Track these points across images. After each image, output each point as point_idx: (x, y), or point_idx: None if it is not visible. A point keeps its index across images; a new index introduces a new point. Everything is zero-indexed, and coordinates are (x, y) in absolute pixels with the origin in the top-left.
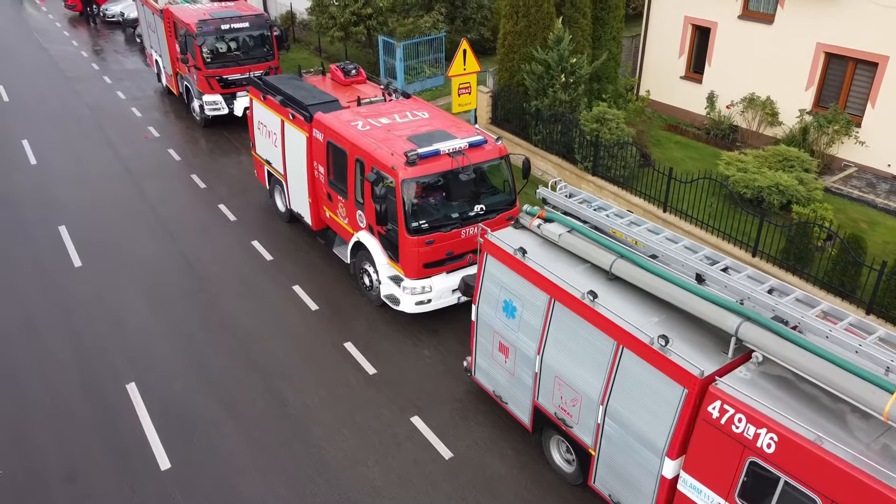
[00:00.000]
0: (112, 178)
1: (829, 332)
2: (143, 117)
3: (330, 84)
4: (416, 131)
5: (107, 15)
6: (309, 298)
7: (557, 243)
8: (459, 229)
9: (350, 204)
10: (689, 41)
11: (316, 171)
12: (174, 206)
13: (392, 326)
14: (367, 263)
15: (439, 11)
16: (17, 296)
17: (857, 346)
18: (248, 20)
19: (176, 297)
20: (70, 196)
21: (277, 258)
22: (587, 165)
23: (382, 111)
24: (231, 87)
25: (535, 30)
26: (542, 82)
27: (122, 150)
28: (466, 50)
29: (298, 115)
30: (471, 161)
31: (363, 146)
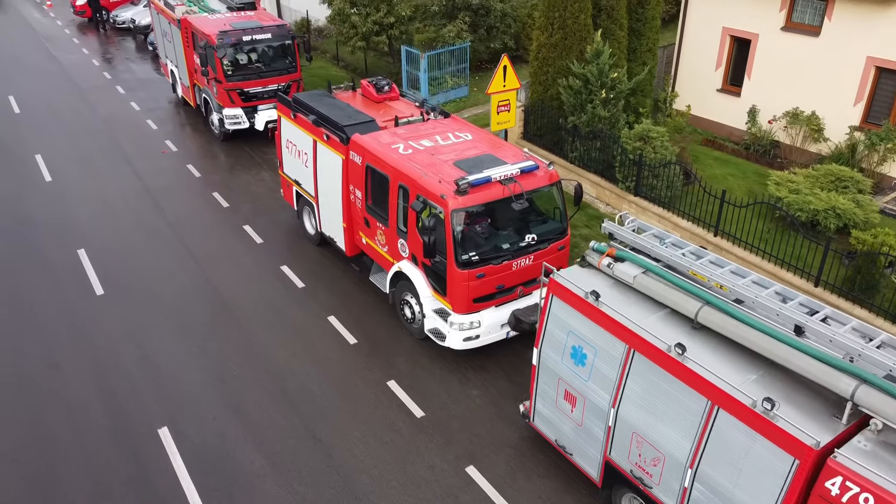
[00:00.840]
0: (131, 196)
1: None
2: (158, 130)
3: (361, 100)
4: (462, 155)
5: (117, 21)
6: (346, 330)
7: (632, 286)
8: (511, 261)
9: (391, 232)
10: (727, 53)
11: (352, 195)
12: (197, 227)
13: (436, 363)
14: (408, 294)
15: (463, 21)
16: (38, 327)
17: None
18: (271, 31)
19: (205, 328)
20: (88, 216)
21: (309, 285)
22: (629, 185)
23: (423, 132)
24: (252, 100)
25: (570, 42)
26: (579, 98)
27: (139, 165)
28: (507, 66)
29: (333, 135)
30: (523, 188)
31: (407, 172)
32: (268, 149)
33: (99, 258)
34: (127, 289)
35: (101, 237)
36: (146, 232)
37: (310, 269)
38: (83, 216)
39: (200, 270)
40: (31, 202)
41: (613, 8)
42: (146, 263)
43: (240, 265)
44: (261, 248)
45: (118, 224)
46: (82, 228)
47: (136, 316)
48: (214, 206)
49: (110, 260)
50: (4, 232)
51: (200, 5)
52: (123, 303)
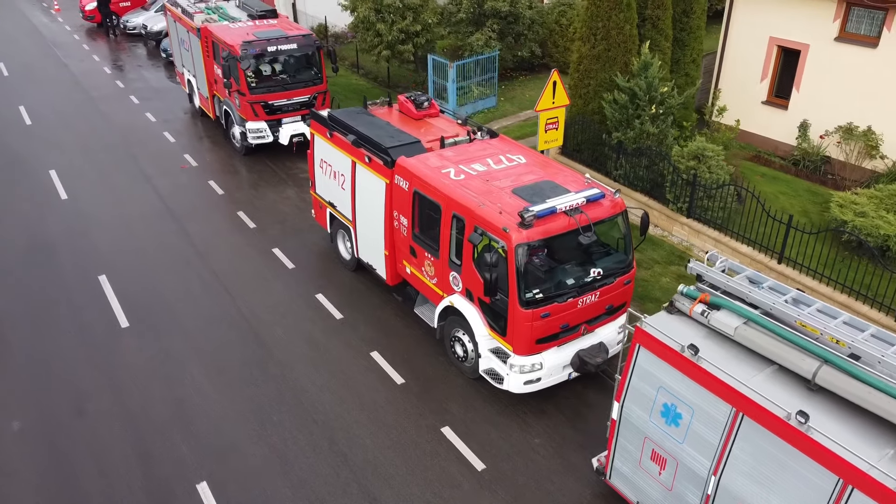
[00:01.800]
0: (151, 216)
1: None
2: (176, 143)
3: (397, 117)
4: (519, 182)
5: (127, 27)
6: (391, 369)
7: (733, 338)
8: (576, 298)
9: (441, 264)
10: (774, 64)
11: (396, 221)
12: (224, 250)
13: (492, 405)
14: (460, 331)
15: (491, 28)
16: (62, 365)
17: None
18: (296, 41)
19: (239, 367)
20: (108, 239)
21: (348, 316)
22: (681, 206)
23: (473, 155)
24: (276, 113)
25: (614, 54)
26: (625, 113)
27: (158, 182)
28: (557, 81)
29: (376, 158)
30: (590, 219)
31: (463, 201)
32: (291, 163)
33: (122, 286)
34: (153, 321)
35: (122, 262)
36: (170, 256)
37: (347, 298)
38: (103, 239)
39: (230, 299)
40: (48, 223)
41: (659, 18)
42: (172, 291)
43: (272, 293)
44: (293, 273)
45: (140, 248)
46: (103, 253)
47: (164, 352)
48: (241, 226)
49: (134, 288)
50: (22, 256)
51: (220, 13)
52: (150, 337)
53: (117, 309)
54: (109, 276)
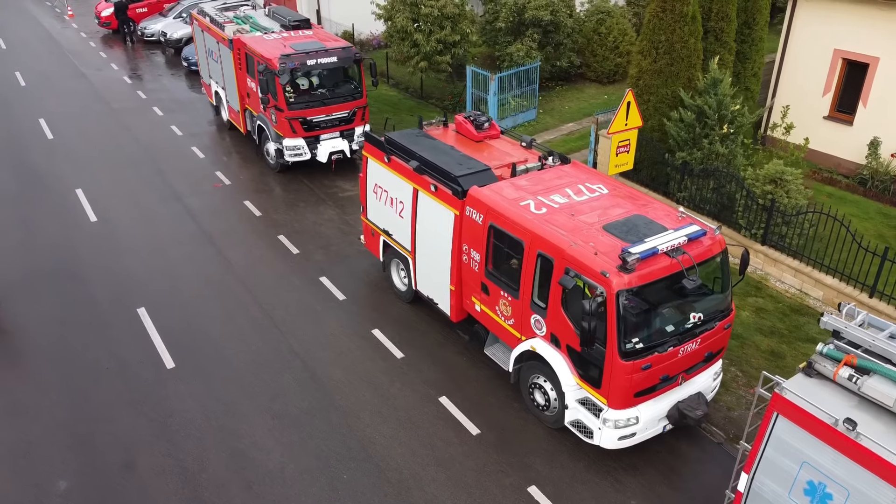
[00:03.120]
0: (187, 240)
1: None
2: (206, 159)
3: (454, 138)
4: (607, 216)
5: (145, 34)
6: (464, 417)
7: (892, 410)
8: (678, 347)
9: (521, 305)
10: (838, 77)
11: (466, 255)
12: (268, 279)
13: (579, 460)
14: (541, 378)
15: (532, 38)
16: (106, 410)
17: None
18: (336, 54)
19: (299, 414)
20: (144, 267)
21: (409, 356)
22: (755, 233)
23: (550, 184)
24: (314, 129)
25: (677, 69)
26: (692, 132)
27: (190, 202)
28: (631, 102)
29: (444, 187)
30: (694, 261)
31: (551, 239)
32: (329, 182)
33: (163, 320)
34: (200, 360)
35: (161, 293)
36: (211, 286)
37: (405, 335)
38: (138, 267)
39: (280, 335)
40: (79, 248)
41: (723, 30)
42: (217, 326)
43: (324, 327)
44: (344, 306)
45: (179, 276)
46: (139, 283)
47: (215, 396)
48: (283, 252)
49: (176, 322)
50: (55, 285)
51: (250, 23)
52: (199, 379)
53: (160, 347)
54: (149, 309)
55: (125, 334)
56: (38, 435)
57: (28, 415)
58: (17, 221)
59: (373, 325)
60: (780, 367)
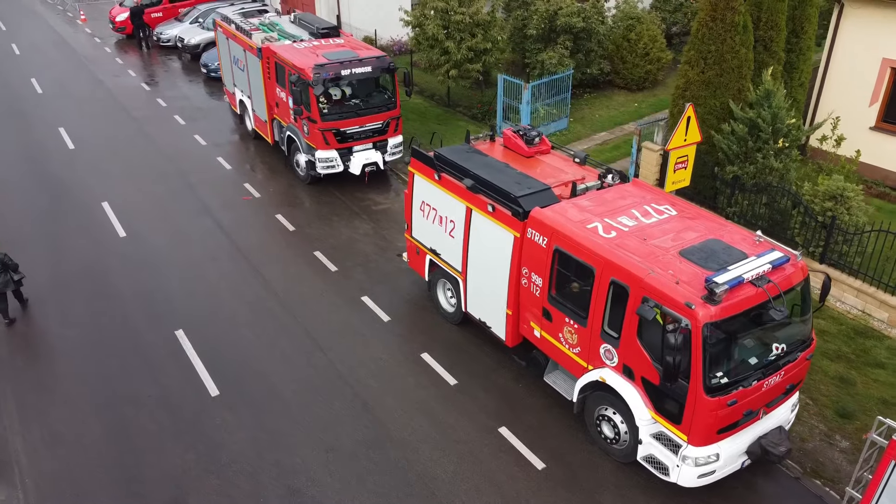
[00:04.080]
0: (221, 256)
1: None
2: (233, 171)
3: (501, 153)
4: (682, 241)
5: (161, 39)
6: (527, 450)
7: None
8: (762, 380)
9: (589, 333)
10: (886, 87)
11: (525, 279)
12: (308, 298)
13: (652, 497)
14: (609, 409)
15: (564, 45)
16: (149, 443)
17: None
18: (370, 63)
19: (355, 447)
20: (178, 286)
21: (463, 382)
22: (812, 251)
23: (614, 205)
24: (348, 140)
25: (727, 80)
26: (744, 145)
27: (221, 216)
28: (691, 117)
29: (502, 207)
30: (781, 289)
31: (625, 265)
32: (362, 194)
33: (202, 343)
34: (245, 387)
35: (199, 314)
36: (249, 306)
37: (456, 359)
38: (173, 285)
39: (327, 360)
40: (109, 266)
41: (772, 39)
42: (259, 350)
43: (371, 351)
44: (389, 328)
45: (215, 295)
46: (175, 303)
47: (264, 427)
48: (320, 269)
49: (216, 345)
50: (88, 305)
51: (277, 30)
52: (246, 408)
53: (203, 372)
54: (187, 331)
55: (165, 358)
56: (82, 468)
57: (69, 446)
58: (45, 237)
59: (421, 349)
60: (853, 394)
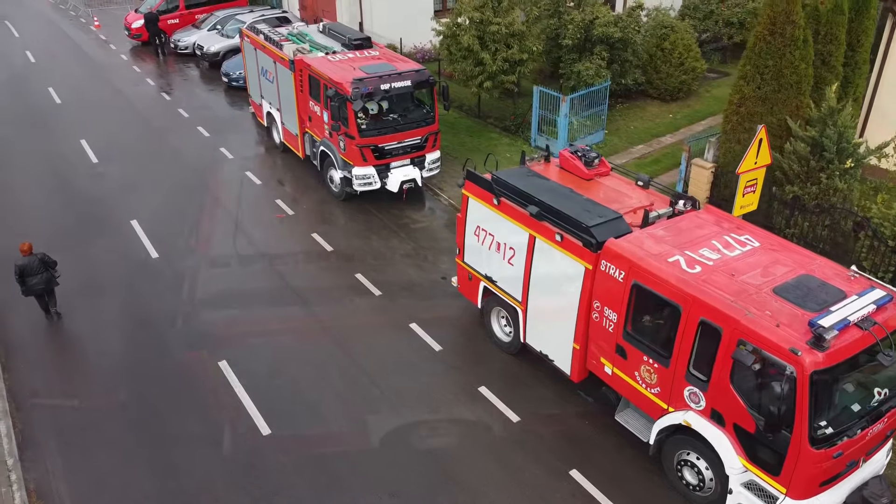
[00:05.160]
0: (259, 280)
1: None
2: (263, 186)
3: (557, 174)
4: (772, 276)
5: (179, 46)
6: (604, 496)
7: None
8: (867, 429)
9: (672, 374)
10: None
11: (596, 313)
12: (353, 325)
13: None
14: (692, 454)
15: (600, 56)
16: (204, 487)
17: None
18: (409, 77)
19: (423, 493)
20: (218, 313)
21: (527, 420)
22: (882, 276)
23: (692, 235)
24: (386, 157)
25: (785, 96)
26: (805, 165)
27: (255, 234)
28: (763, 139)
29: (572, 237)
30: (887, 331)
31: (717, 305)
32: (398, 211)
33: (248, 375)
34: (298, 425)
35: (241, 343)
36: (294, 333)
37: (517, 394)
38: (211, 312)
39: (380, 393)
40: (144, 290)
41: (831, 54)
42: (308, 382)
43: (425, 384)
44: (442, 358)
45: (256, 322)
46: (215, 330)
47: (322, 469)
48: (364, 293)
49: (262, 378)
50: (125, 335)
51: (308, 41)
52: (300, 448)
53: (251, 408)
54: (231, 362)
55: (210, 393)
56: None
57: (114, 491)
58: (77, 259)
59: (478, 382)
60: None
